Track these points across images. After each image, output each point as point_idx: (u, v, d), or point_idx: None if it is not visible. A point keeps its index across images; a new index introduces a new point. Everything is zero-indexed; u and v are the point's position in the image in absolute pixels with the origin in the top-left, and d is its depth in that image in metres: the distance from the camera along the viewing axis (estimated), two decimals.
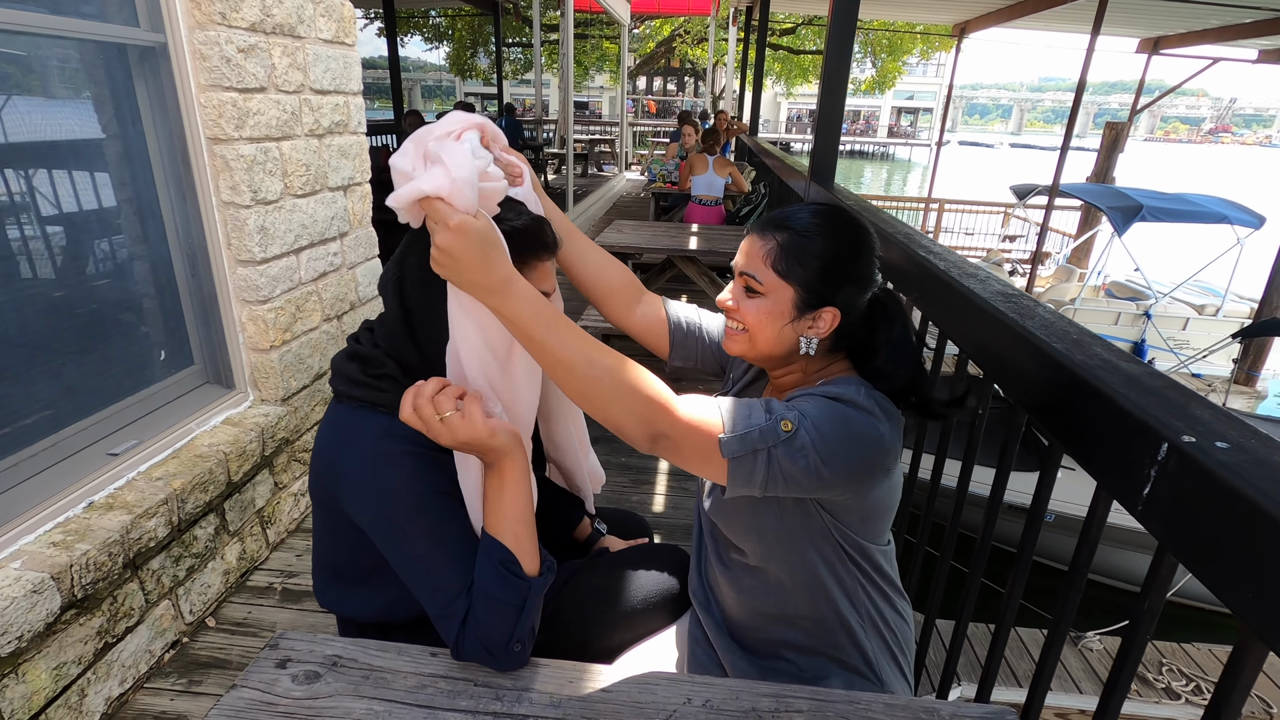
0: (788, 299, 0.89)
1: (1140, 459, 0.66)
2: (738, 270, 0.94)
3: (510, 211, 0.89)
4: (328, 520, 0.93)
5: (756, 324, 0.91)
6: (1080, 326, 0.92)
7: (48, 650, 1.39)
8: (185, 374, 2.00)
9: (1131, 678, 0.75)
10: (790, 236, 0.89)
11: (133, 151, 1.81)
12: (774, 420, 0.79)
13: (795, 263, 0.88)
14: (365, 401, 0.87)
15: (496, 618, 0.79)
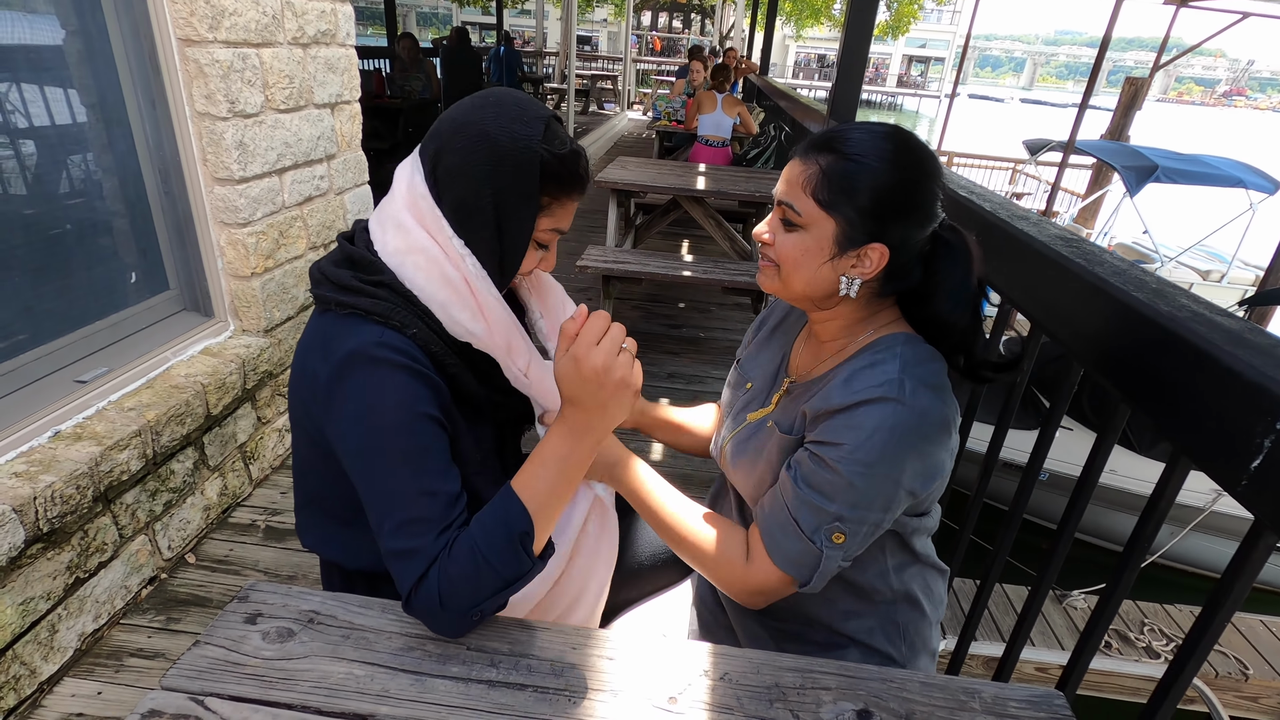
0: (828, 233, 0.77)
1: (1250, 427, 0.57)
2: (776, 199, 0.82)
3: (558, 138, 0.80)
4: (309, 448, 0.83)
5: (791, 260, 0.80)
6: (1158, 276, 0.82)
7: (12, 585, 1.31)
8: (160, 299, 1.88)
9: (1202, 660, 0.68)
10: (836, 160, 0.76)
11: (96, 52, 1.64)
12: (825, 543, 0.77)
13: (839, 191, 0.76)
14: (358, 310, 0.76)
15: (477, 583, 0.68)
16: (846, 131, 0.78)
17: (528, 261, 0.85)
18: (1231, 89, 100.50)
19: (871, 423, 0.73)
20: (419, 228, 0.78)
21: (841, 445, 0.74)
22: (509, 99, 0.79)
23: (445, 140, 0.78)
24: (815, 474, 0.76)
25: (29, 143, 1.58)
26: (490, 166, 0.76)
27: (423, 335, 0.78)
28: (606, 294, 3.09)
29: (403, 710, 0.64)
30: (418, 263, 0.77)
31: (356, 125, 2.42)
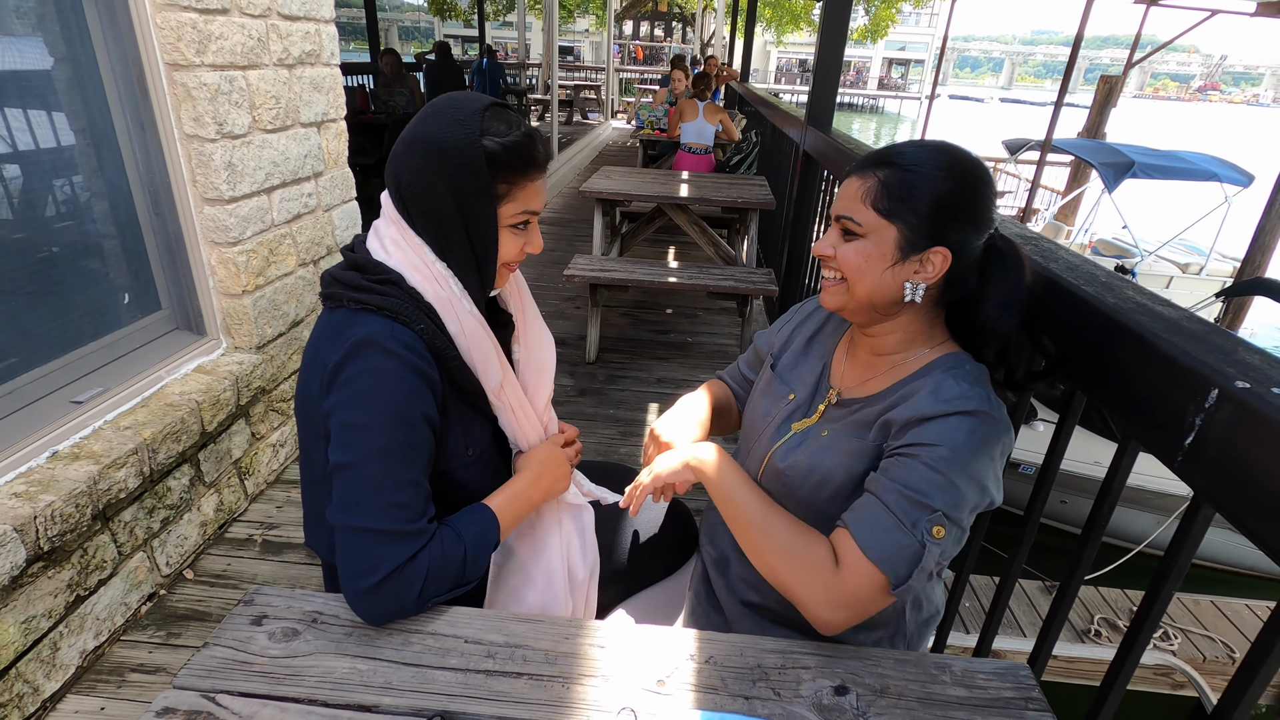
0: (890, 239, 0.79)
1: (1183, 407, 0.62)
2: (834, 215, 0.84)
3: (501, 124, 0.83)
4: (313, 443, 0.87)
5: (855, 269, 0.81)
6: (1107, 269, 0.87)
7: (14, 604, 1.33)
8: (152, 319, 1.90)
9: (1152, 633, 0.73)
10: (893, 172, 0.79)
11: (85, 78, 1.67)
12: (927, 536, 0.74)
13: (898, 198, 0.78)
14: (368, 305, 0.81)
15: (451, 576, 0.80)
16: (901, 147, 0.82)
17: (510, 249, 0.88)
18: (1206, 84, 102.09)
19: (966, 428, 0.75)
20: (409, 249, 0.84)
21: (938, 446, 0.75)
22: (445, 104, 0.84)
23: (399, 161, 0.83)
24: (913, 472, 0.76)
25: (20, 167, 1.61)
26: (443, 173, 0.81)
27: (429, 331, 0.83)
28: (594, 302, 3.13)
29: (405, 700, 0.68)
30: (413, 276, 0.83)
31: (343, 142, 2.45)
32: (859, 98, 45.77)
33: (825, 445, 0.87)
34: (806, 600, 0.77)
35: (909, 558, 0.74)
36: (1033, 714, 0.69)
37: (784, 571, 0.79)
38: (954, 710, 0.69)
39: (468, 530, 0.82)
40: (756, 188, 3.64)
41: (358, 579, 0.74)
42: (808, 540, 0.80)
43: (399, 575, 0.74)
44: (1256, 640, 0.59)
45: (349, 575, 0.75)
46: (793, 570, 0.78)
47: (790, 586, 0.78)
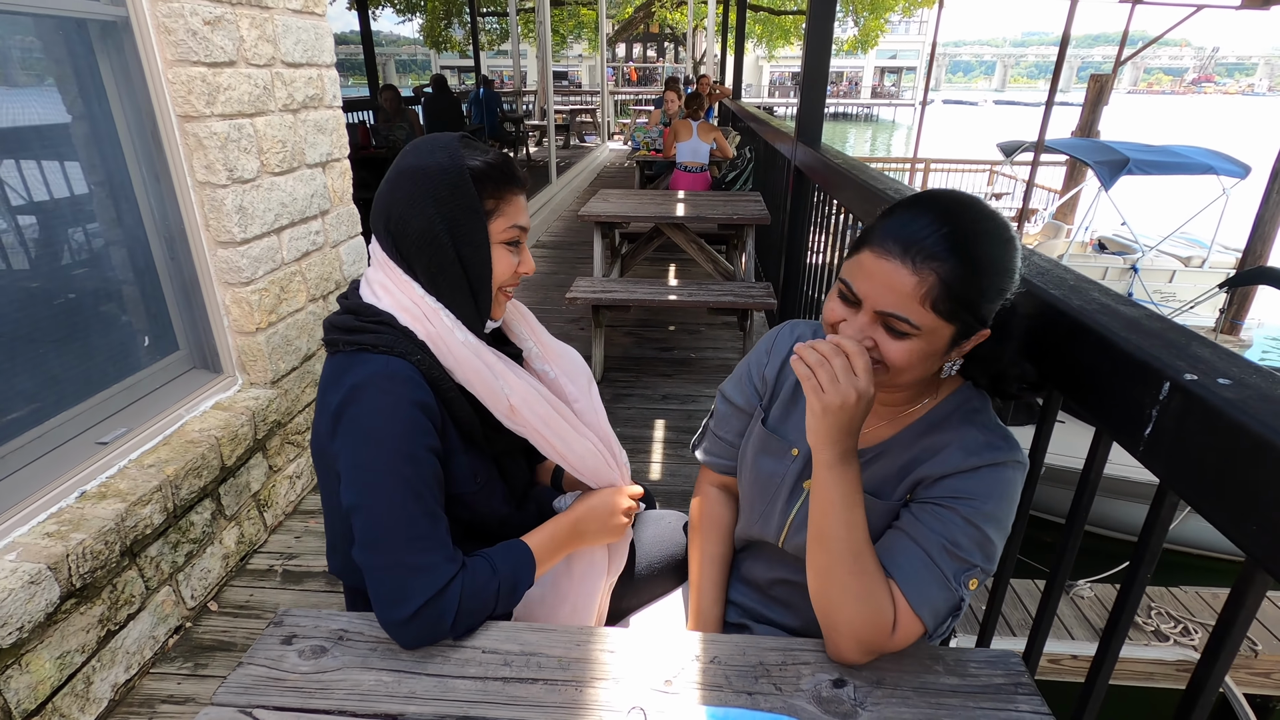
0: (946, 335, 0.74)
1: (1141, 400, 0.66)
2: (874, 307, 0.74)
3: (475, 149, 0.88)
4: (328, 480, 0.91)
5: (906, 366, 0.75)
6: (1076, 273, 0.92)
7: (50, 640, 1.39)
8: (171, 360, 1.97)
9: (1131, 618, 0.76)
10: (952, 269, 0.70)
11: (101, 133, 1.75)
12: (964, 590, 0.76)
13: (959, 299, 0.71)
14: (363, 345, 0.85)
15: (480, 609, 0.82)
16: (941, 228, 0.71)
17: (503, 268, 0.91)
18: (1200, 76, 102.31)
19: (1000, 481, 0.77)
20: (397, 290, 0.88)
21: (974, 500, 0.76)
22: (423, 141, 0.89)
23: (387, 199, 0.88)
24: (952, 526, 0.76)
25: (44, 219, 1.69)
26: (430, 196, 0.85)
27: (424, 362, 0.87)
28: (597, 323, 3.19)
29: (429, 709, 0.72)
30: (403, 316, 0.88)
31: (347, 180, 2.54)
32: (853, 107, 46.14)
33: None
34: (848, 644, 0.76)
35: (949, 610, 0.76)
36: (1022, 698, 0.73)
37: (851, 616, 0.75)
38: (947, 698, 0.73)
39: (504, 566, 0.86)
40: (752, 204, 3.71)
41: (391, 610, 0.77)
42: (884, 598, 0.75)
43: (432, 605, 0.77)
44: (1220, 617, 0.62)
45: (382, 607, 0.78)
46: (859, 619, 0.75)
47: (841, 627, 0.76)
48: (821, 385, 0.72)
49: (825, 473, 0.75)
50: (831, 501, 0.76)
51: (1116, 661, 0.78)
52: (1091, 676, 0.83)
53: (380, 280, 0.89)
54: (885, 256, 0.72)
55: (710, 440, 1.08)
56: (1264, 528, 0.52)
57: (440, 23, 20.79)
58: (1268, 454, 0.52)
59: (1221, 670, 0.63)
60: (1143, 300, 8.11)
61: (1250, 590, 0.59)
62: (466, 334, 0.89)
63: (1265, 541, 0.52)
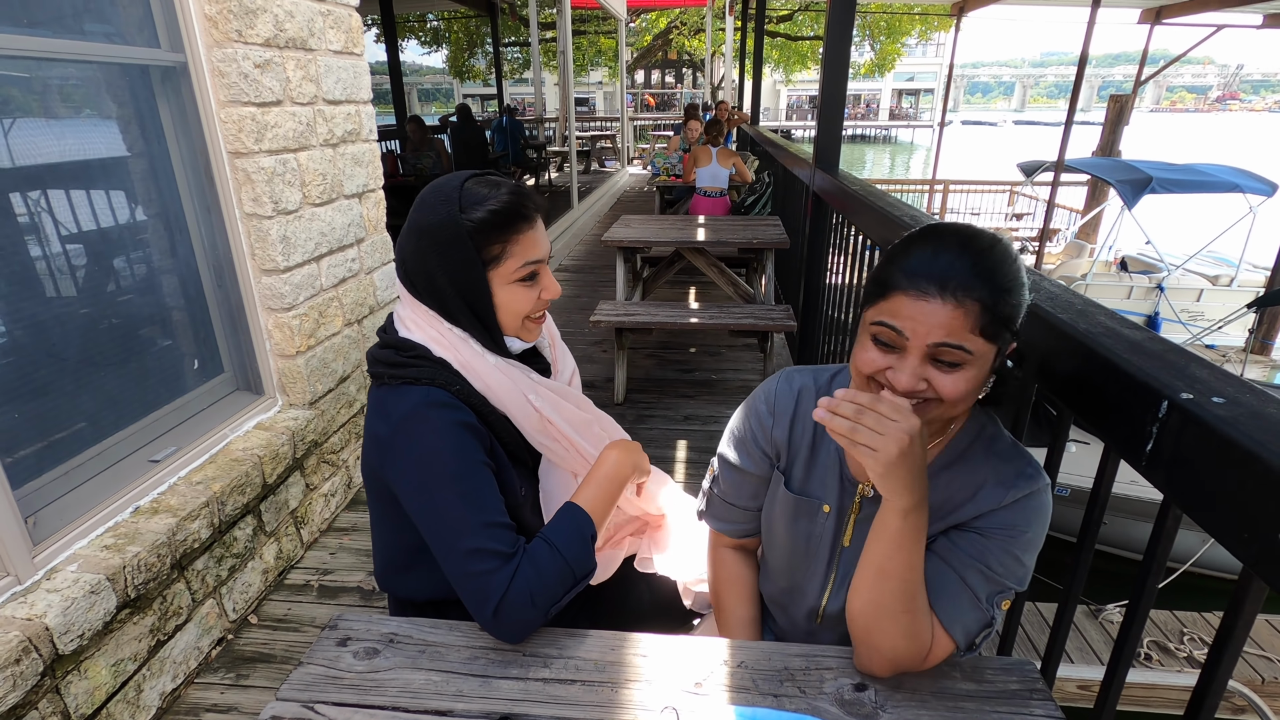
0: (991, 356, 0.75)
1: (1143, 418, 0.70)
2: (925, 342, 0.73)
3: (482, 189, 0.93)
4: (378, 504, 0.98)
5: (964, 395, 0.75)
6: (1084, 297, 0.96)
7: (106, 648, 1.46)
8: (216, 381, 2.07)
9: (1143, 627, 0.80)
10: (990, 293, 0.72)
11: (159, 169, 1.87)
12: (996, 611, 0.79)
13: (1004, 322, 0.74)
14: (405, 379, 0.92)
15: (559, 577, 0.86)
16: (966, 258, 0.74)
17: (522, 301, 0.96)
18: (1224, 94, 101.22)
19: (1034, 509, 0.80)
20: (426, 325, 0.96)
21: (1013, 529, 0.79)
22: (429, 191, 0.94)
23: (401, 247, 0.96)
24: (989, 552, 0.79)
25: (101, 247, 1.81)
26: (431, 251, 0.92)
27: (464, 390, 0.94)
28: (620, 345, 3.26)
29: (475, 705, 0.77)
30: (435, 347, 0.95)
31: (381, 210, 2.65)
32: (871, 129, 46.29)
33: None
34: (882, 664, 0.79)
35: (980, 630, 0.79)
36: (1037, 704, 0.76)
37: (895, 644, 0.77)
38: (964, 702, 0.77)
39: (559, 537, 0.89)
40: (771, 228, 3.77)
41: (480, 611, 0.84)
42: (928, 630, 0.78)
43: (507, 601, 0.83)
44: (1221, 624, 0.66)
45: (473, 610, 0.85)
46: (901, 647, 0.77)
47: (884, 650, 0.78)
48: (871, 445, 0.71)
49: (899, 520, 0.75)
50: (900, 545, 0.76)
51: (1129, 669, 0.81)
52: (1104, 688, 0.86)
53: (409, 316, 0.97)
54: (923, 297, 0.73)
55: (720, 507, 1.04)
56: (1254, 535, 0.56)
57: (464, 53, 21.37)
58: (1256, 466, 0.56)
59: (1224, 676, 0.66)
60: (1169, 320, 8.01)
61: (1248, 597, 0.63)
62: (495, 357, 0.97)
63: (1256, 548, 0.56)
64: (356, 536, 2.30)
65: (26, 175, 1.59)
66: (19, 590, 1.38)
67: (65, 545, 1.50)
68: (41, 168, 1.62)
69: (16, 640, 1.26)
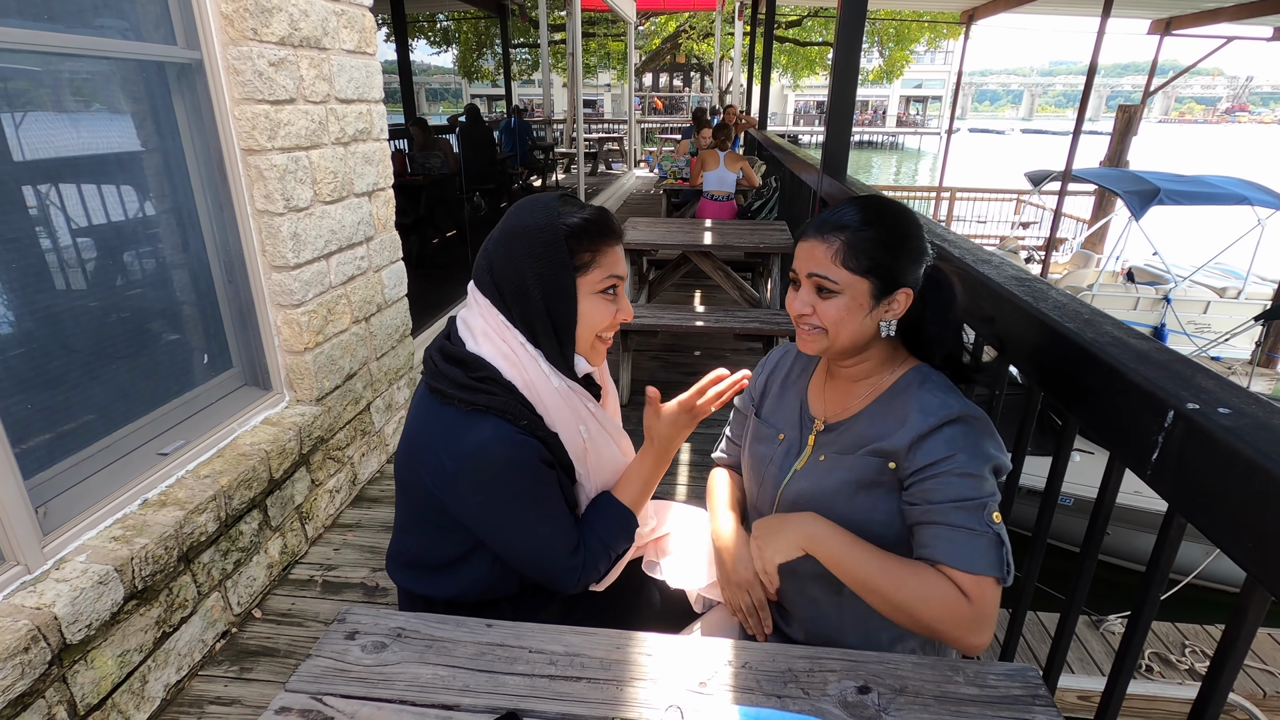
0: (864, 291, 0.92)
1: (1148, 427, 0.71)
2: (804, 274, 0.95)
3: (573, 206, 0.97)
4: (417, 510, 1.00)
5: (837, 321, 0.93)
6: (1091, 307, 0.97)
7: (113, 638, 1.47)
8: (225, 376, 2.08)
9: (1144, 638, 0.80)
10: (852, 234, 0.92)
11: (172, 165, 1.89)
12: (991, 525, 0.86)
13: (864, 256, 0.91)
14: (477, 406, 0.93)
15: (609, 564, 1.02)
16: (844, 211, 0.95)
17: (601, 315, 0.99)
18: (1234, 105, 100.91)
19: (962, 433, 0.89)
20: (498, 339, 0.96)
21: (953, 456, 0.88)
22: (526, 201, 0.99)
23: (492, 252, 0.97)
24: (949, 486, 0.88)
25: (114, 240, 1.82)
26: (526, 253, 0.94)
27: (531, 423, 0.95)
28: (625, 347, 3.27)
29: (481, 700, 0.78)
30: (504, 366, 0.96)
31: (390, 208, 2.66)
32: (878, 136, 46.27)
33: (826, 469, 1.00)
34: (953, 633, 0.85)
35: (995, 550, 0.86)
36: (1039, 709, 0.77)
37: (926, 617, 0.86)
38: (966, 706, 0.77)
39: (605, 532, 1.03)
40: (777, 232, 3.78)
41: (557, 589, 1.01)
42: (931, 581, 0.86)
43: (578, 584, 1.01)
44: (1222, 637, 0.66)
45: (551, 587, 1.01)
46: (933, 613, 0.85)
47: (932, 625, 0.86)
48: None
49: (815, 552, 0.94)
50: (834, 562, 0.93)
51: (1130, 679, 0.81)
52: (1105, 698, 0.86)
53: (481, 328, 0.97)
54: (806, 239, 0.96)
55: (726, 443, 1.30)
56: (1258, 544, 0.57)
57: (473, 53, 21.45)
58: (1259, 476, 0.57)
59: (1226, 686, 0.67)
60: (1176, 331, 8.00)
61: (1251, 605, 0.64)
62: (561, 379, 0.98)
63: (1259, 557, 0.57)
64: (361, 533, 2.32)
65: (43, 168, 1.61)
66: (29, 579, 1.40)
67: (74, 536, 1.51)
68: (58, 161, 1.64)
69: (25, 629, 1.28)
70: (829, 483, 0.99)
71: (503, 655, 0.85)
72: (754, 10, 10.09)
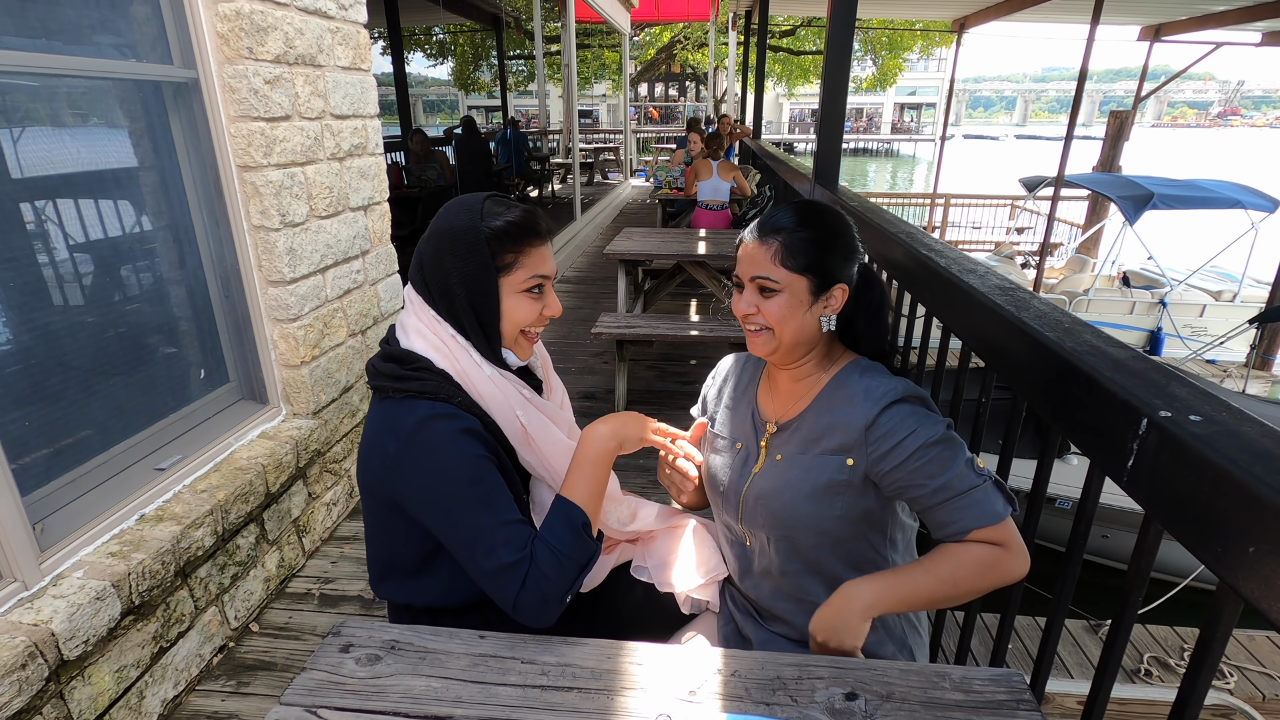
0: (803, 288, 0.98)
1: (1124, 435, 0.73)
2: (747, 277, 1.01)
3: (500, 207, 0.99)
4: (380, 514, 1.00)
5: (780, 318, 0.99)
6: (1073, 316, 0.99)
7: (110, 654, 1.48)
8: (222, 391, 2.09)
9: (1128, 638, 0.81)
10: (788, 235, 0.98)
11: (169, 182, 1.91)
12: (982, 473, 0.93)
13: (800, 254, 0.97)
14: (410, 392, 0.95)
15: (562, 572, 0.91)
16: (781, 215, 1.01)
17: (525, 312, 1.00)
18: (1226, 109, 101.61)
19: (909, 410, 0.95)
20: (430, 333, 0.99)
21: (913, 433, 0.93)
22: (454, 202, 1.01)
23: (422, 251, 1.01)
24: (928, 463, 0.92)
25: (111, 256, 1.84)
26: (450, 253, 0.97)
27: (465, 402, 0.97)
28: (621, 357, 3.28)
29: (474, 712, 0.79)
30: (436, 358, 0.98)
31: (386, 222, 2.68)
32: (873, 143, 46.51)
33: (784, 467, 1.04)
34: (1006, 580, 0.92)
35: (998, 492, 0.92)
36: (1023, 714, 0.78)
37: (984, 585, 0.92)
38: (952, 712, 0.78)
39: (553, 536, 0.93)
40: None
41: (505, 604, 0.91)
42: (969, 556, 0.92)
43: (521, 602, 0.90)
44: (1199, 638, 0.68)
45: (501, 605, 0.91)
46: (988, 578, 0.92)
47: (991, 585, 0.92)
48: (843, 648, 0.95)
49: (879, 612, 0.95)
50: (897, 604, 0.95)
51: (1129, 684, 0.82)
52: (1091, 702, 0.87)
53: (414, 325, 1.01)
54: (746, 243, 1.01)
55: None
56: (1227, 549, 0.59)
57: (469, 66, 21.57)
58: (1228, 482, 0.58)
59: (1203, 689, 0.68)
60: (1172, 335, 8.03)
61: (1224, 611, 0.65)
62: (492, 368, 1.00)
63: (1229, 561, 0.58)
64: (358, 545, 2.32)
65: (41, 186, 1.63)
66: (26, 596, 1.41)
67: (72, 552, 1.52)
68: (55, 178, 1.66)
69: (23, 645, 1.28)
70: (787, 479, 1.02)
71: (495, 666, 0.86)
72: (747, 20, 10.18)
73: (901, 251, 1.55)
